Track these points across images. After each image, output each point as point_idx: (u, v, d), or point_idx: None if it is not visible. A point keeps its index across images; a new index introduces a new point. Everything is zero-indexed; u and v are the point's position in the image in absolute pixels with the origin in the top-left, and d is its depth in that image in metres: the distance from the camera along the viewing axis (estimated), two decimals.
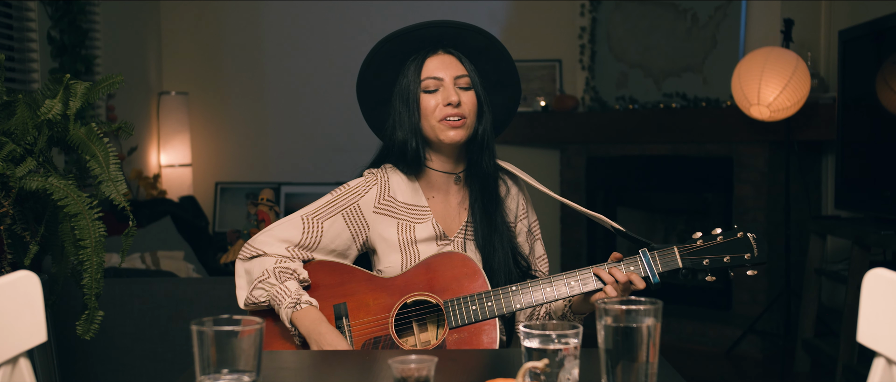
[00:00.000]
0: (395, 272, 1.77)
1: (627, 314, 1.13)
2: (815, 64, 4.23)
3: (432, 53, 1.80)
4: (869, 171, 3.46)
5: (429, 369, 1.08)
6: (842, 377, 3.20)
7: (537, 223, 1.93)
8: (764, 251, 1.66)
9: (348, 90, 5.37)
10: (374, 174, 1.82)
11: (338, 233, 1.78)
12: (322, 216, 1.78)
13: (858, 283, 3.14)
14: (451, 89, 1.76)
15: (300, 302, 1.68)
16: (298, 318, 1.67)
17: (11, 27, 3.57)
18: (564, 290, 1.67)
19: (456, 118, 1.75)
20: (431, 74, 1.77)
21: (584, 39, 4.95)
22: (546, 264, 1.93)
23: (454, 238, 1.81)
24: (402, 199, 1.80)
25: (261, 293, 1.71)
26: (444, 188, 1.84)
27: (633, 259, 1.67)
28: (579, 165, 4.88)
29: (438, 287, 1.70)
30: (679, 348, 4.30)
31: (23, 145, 1.87)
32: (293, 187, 5.06)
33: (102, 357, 2.61)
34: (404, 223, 1.79)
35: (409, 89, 1.78)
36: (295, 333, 1.69)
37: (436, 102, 1.76)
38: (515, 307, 1.67)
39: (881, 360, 1.06)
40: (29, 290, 1.10)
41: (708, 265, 1.66)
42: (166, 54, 5.14)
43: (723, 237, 1.67)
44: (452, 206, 1.84)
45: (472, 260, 1.72)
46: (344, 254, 1.81)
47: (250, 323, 1.10)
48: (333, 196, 1.80)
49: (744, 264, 1.66)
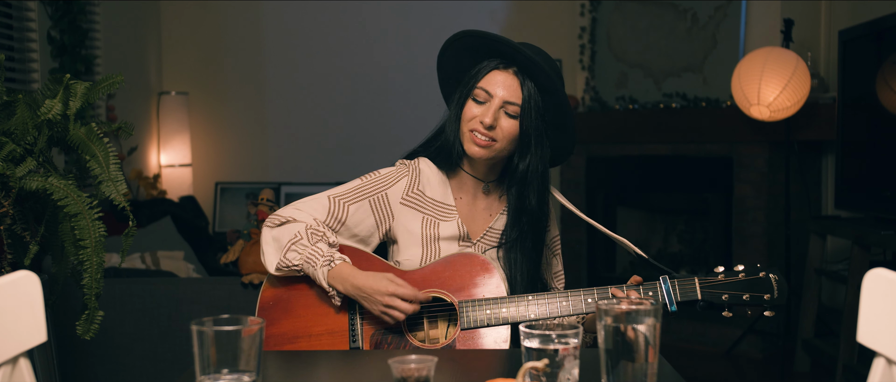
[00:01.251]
0: (413, 266, 1.77)
1: (627, 314, 1.13)
2: (815, 64, 4.23)
3: (503, 68, 1.74)
4: (869, 171, 3.46)
5: (429, 369, 1.08)
6: (842, 377, 3.20)
7: (558, 239, 1.93)
8: (784, 293, 1.65)
9: (349, 90, 5.39)
10: (406, 165, 1.83)
11: (362, 218, 1.79)
12: (349, 200, 1.78)
13: (858, 283, 3.14)
14: (493, 110, 1.72)
15: (334, 260, 1.68)
16: (333, 276, 1.68)
17: (11, 27, 3.57)
18: (581, 306, 1.66)
19: (483, 137, 1.73)
20: (487, 87, 1.73)
21: (584, 39, 4.95)
22: (562, 280, 1.93)
23: (477, 242, 1.82)
24: (431, 194, 1.81)
25: (294, 255, 1.70)
26: (472, 192, 1.84)
27: (653, 285, 1.67)
28: (579, 165, 4.88)
29: (455, 286, 1.70)
30: (679, 348, 4.30)
31: (23, 145, 1.87)
32: (293, 187, 5.06)
33: (102, 357, 2.61)
34: (429, 219, 1.79)
35: (465, 91, 1.76)
36: (333, 292, 1.69)
37: (475, 114, 1.74)
38: (529, 317, 1.66)
39: (881, 360, 1.06)
40: (29, 290, 1.10)
41: (726, 301, 1.65)
42: (166, 54, 5.14)
43: (745, 275, 1.66)
44: (478, 210, 1.85)
45: (493, 265, 1.72)
46: (365, 241, 1.81)
47: (250, 323, 1.10)
48: (363, 182, 1.80)
49: (762, 304, 1.65)
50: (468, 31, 1.75)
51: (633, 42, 4.74)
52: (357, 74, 5.11)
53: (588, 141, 4.80)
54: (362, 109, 5.14)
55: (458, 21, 4.84)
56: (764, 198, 4.16)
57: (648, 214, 4.96)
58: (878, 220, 3.31)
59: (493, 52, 1.75)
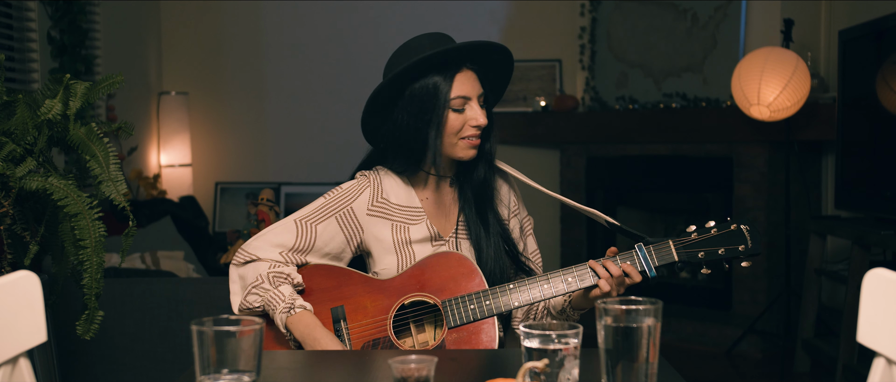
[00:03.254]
0: (391, 274, 1.76)
1: (627, 314, 1.12)
2: (815, 64, 4.23)
3: (458, 70, 1.74)
4: (869, 171, 3.46)
5: (429, 369, 1.08)
6: (842, 377, 3.20)
7: (529, 220, 1.93)
8: (758, 242, 1.67)
9: (349, 90, 5.39)
10: (366, 176, 1.81)
11: (332, 236, 1.77)
12: (315, 220, 1.77)
13: (858, 283, 3.13)
14: (477, 109, 1.73)
15: (294, 307, 1.67)
16: (293, 323, 1.67)
17: (11, 27, 3.57)
18: (562, 287, 1.67)
19: (477, 139, 1.74)
20: (461, 93, 1.72)
21: (584, 39, 4.95)
22: (539, 258, 1.92)
23: (448, 238, 1.81)
24: (396, 201, 1.79)
25: (255, 298, 1.70)
26: (436, 188, 1.83)
27: (629, 254, 1.68)
28: (579, 165, 4.88)
29: (435, 287, 1.70)
30: (679, 348, 4.30)
31: (23, 145, 1.87)
32: (293, 187, 5.06)
33: (102, 357, 2.61)
34: (398, 225, 1.78)
35: (436, 103, 1.71)
36: (289, 338, 1.69)
37: (461, 122, 1.73)
38: (513, 305, 1.67)
39: (881, 360, 1.06)
40: (29, 290, 1.10)
41: (703, 258, 1.66)
42: (166, 54, 5.14)
43: (717, 230, 1.68)
44: (445, 206, 1.83)
45: (469, 259, 1.72)
46: (338, 257, 1.80)
47: (250, 323, 1.10)
48: (326, 199, 1.79)
49: (739, 255, 1.67)
50: (419, 59, 1.70)
51: (633, 42, 4.74)
52: (357, 74, 5.11)
53: (588, 141, 4.80)
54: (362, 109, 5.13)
55: (458, 21, 4.84)
56: (764, 198, 4.16)
57: (648, 214, 4.96)
58: (878, 220, 3.31)
59: (437, 62, 1.72)
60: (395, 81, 1.73)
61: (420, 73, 1.72)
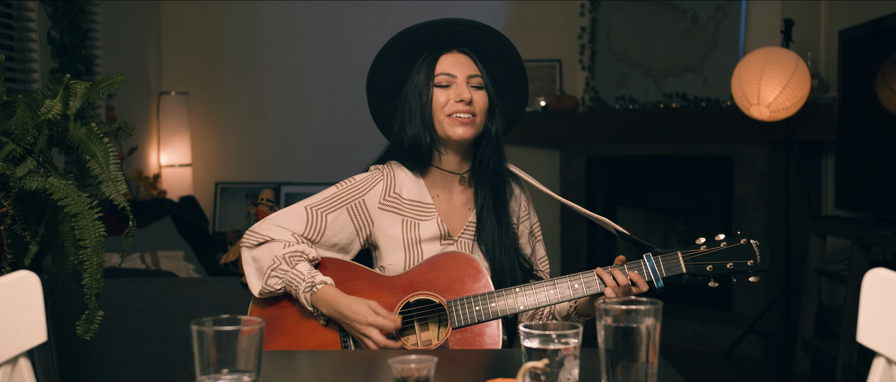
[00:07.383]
0: (397, 271, 1.76)
1: (627, 314, 1.13)
2: (815, 64, 4.23)
3: (447, 51, 1.80)
4: (869, 171, 3.46)
5: (429, 369, 1.08)
6: (842, 377, 3.20)
7: (538, 225, 1.93)
8: (766, 258, 1.67)
9: (349, 90, 5.38)
10: (379, 170, 1.82)
11: (341, 227, 1.77)
12: (326, 209, 1.77)
13: (858, 283, 3.14)
14: (463, 87, 1.76)
15: (315, 284, 1.67)
16: (317, 301, 1.68)
17: (11, 27, 3.57)
18: (568, 292, 1.67)
19: (466, 115, 1.75)
20: (445, 70, 1.78)
21: (584, 39, 4.95)
22: (547, 265, 1.93)
23: (458, 238, 1.81)
24: (408, 196, 1.80)
25: (275, 280, 1.70)
26: (448, 187, 1.83)
27: (637, 263, 1.67)
28: (579, 165, 4.88)
29: (442, 287, 1.70)
30: (679, 348, 4.30)
31: (23, 145, 1.87)
32: (293, 187, 5.06)
33: (102, 357, 2.61)
34: (409, 221, 1.78)
35: (421, 84, 1.78)
36: (317, 314, 1.69)
37: (447, 98, 1.76)
38: (519, 309, 1.66)
39: (881, 360, 1.06)
40: (29, 290, 1.10)
41: (711, 271, 1.66)
42: (166, 54, 5.14)
43: (726, 243, 1.68)
44: (457, 205, 1.84)
45: (476, 261, 1.72)
46: (346, 249, 1.80)
47: (250, 323, 1.10)
48: (339, 189, 1.79)
49: (747, 270, 1.67)
50: (397, 34, 1.80)
51: (633, 42, 4.74)
52: (357, 75, 5.09)
53: (588, 141, 4.80)
54: (362, 109, 5.10)
55: None
56: (764, 198, 4.16)
57: (648, 214, 4.96)
58: (878, 220, 3.31)
59: (430, 43, 1.80)
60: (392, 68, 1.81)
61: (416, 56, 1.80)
